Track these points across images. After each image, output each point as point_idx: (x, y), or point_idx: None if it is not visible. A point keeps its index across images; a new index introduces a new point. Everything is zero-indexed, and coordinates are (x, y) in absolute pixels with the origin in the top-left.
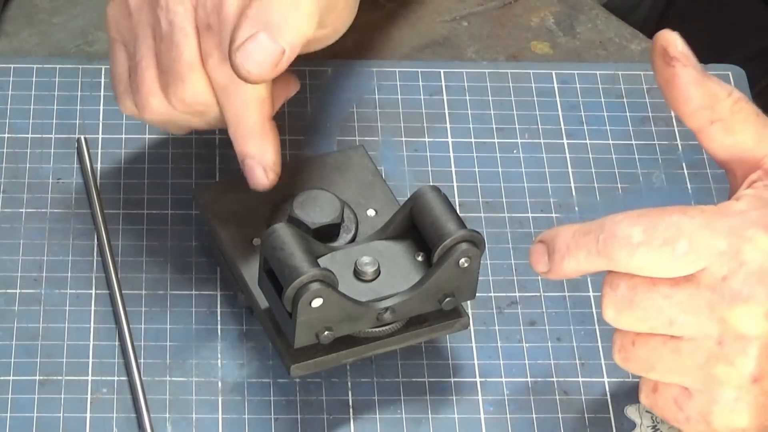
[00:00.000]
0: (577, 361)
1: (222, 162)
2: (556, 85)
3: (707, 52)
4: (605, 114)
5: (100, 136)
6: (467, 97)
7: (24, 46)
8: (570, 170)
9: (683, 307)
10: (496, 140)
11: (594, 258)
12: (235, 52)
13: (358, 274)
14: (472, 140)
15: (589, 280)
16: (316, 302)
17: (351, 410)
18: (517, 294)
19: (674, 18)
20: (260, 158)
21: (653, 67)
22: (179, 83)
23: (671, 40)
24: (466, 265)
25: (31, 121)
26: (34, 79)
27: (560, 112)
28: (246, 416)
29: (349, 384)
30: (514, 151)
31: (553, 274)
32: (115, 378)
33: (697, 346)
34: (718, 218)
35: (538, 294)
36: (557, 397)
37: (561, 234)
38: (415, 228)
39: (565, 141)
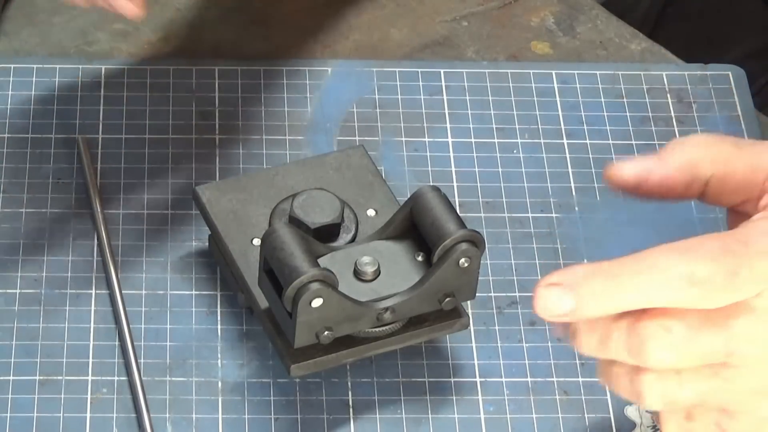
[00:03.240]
0: (577, 361)
1: (222, 162)
2: (556, 85)
3: (706, 51)
4: (605, 114)
5: (100, 136)
6: (467, 97)
7: (24, 46)
8: (570, 170)
9: (743, 337)
10: (496, 140)
11: (642, 296)
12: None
13: (358, 274)
14: (472, 140)
15: None
16: (316, 302)
17: (351, 410)
18: (517, 294)
19: (673, 16)
20: None
21: (629, 192)
22: None
23: (615, 175)
24: (466, 265)
25: (31, 121)
26: (34, 79)
27: (560, 112)
28: (246, 416)
29: (349, 384)
30: (514, 151)
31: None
32: (115, 378)
33: (753, 371)
34: (762, 238)
35: None
36: (557, 397)
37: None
38: (415, 228)
39: (565, 141)
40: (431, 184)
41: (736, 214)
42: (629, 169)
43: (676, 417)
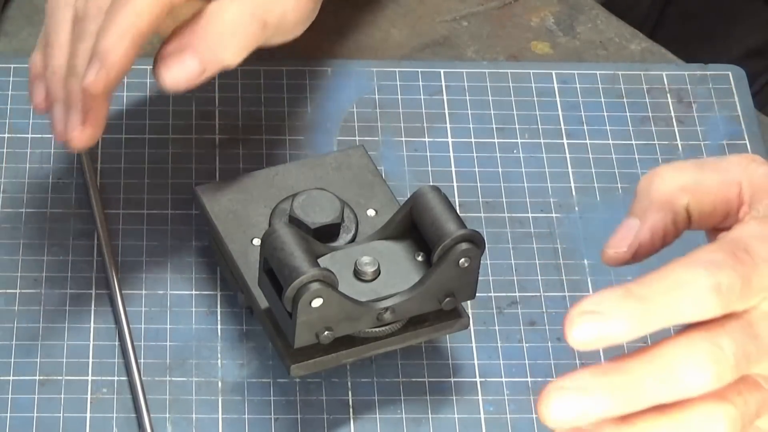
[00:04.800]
0: (577, 361)
1: (222, 162)
2: (556, 85)
3: (706, 50)
4: (605, 114)
5: (100, 136)
6: (467, 97)
7: (24, 46)
8: (570, 170)
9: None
10: (496, 140)
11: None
12: (159, 59)
13: (358, 274)
14: (472, 140)
15: (589, 280)
16: (316, 302)
17: (351, 410)
18: (517, 294)
19: (673, 16)
20: (105, 54)
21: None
22: None
23: (613, 257)
24: (466, 265)
25: (31, 121)
26: None
27: (560, 112)
28: (246, 416)
29: (349, 384)
30: (514, 151)
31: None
32: (115, 378)
33: None
34: (759, 244)
35: (538, 294)
36: None
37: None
38: (415, 228)
39: (565, 141)
40: (431, 184)
41: (715, 233)
42: (620, 246)
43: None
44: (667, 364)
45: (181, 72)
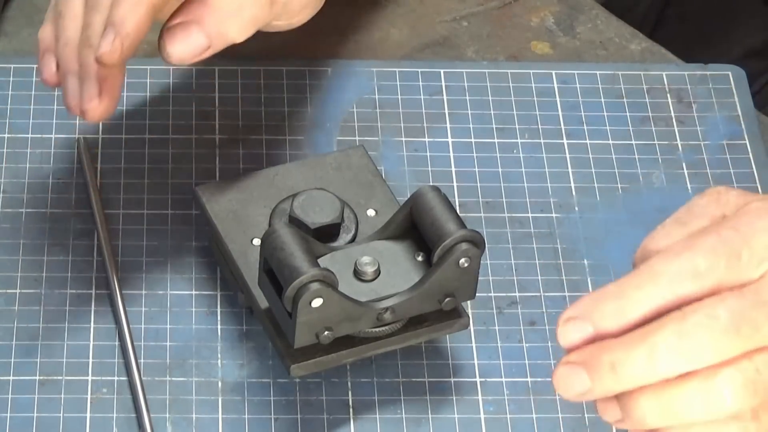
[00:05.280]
0: None
1: (222, 162)
2: (556, 85)
3: (706, 50)
4: (605, 114)
5: (100, 136)
6: (467, 97)
7: (24, 46)
8: (570, 170)
9: None
10: (496, 140)
11: (661, 301)
12: (165, 32)
13: (358, 274)
14: (472, 140)
15: (588, 280)
16: (316, 302)
17: (351, 410)
18: (517, 294)
19: (673, 17)
20: (119, 24)
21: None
22: None
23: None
24: (466, 265)
25: (31, 121)
26: (34, 79)
27: (560, 112)
28: (246, 416)
29: (349, 384)
30: (514, 151)
31: (614, 330)
32: (115, 378)
33: None
34: (756, 219)
35: (538, 294)
36: (557, 397)
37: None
38: (415, 228)
39: (565, 141)
40: (431, 184)
41: None
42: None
43: (745, 419)
44: (659, 344)
45: (187, 46)
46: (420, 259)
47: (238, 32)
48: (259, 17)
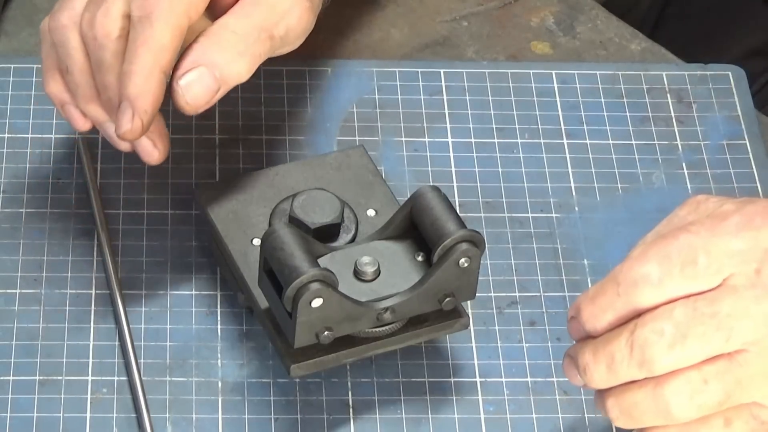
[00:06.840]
0: None
1: (222, 162)
2: (556, 85)
3: (706, 50)
4: (605, 114)
5: (100, 136)
6: (467, 97)
7: (24, 46)
8: (570, 170)
9: (733, 317)
10: (496, 140)
11: (622, 309)
12: (178, 80)
13: (358, 274)
14: (472, 140)
15: (588, 280)
16: (316, 302)
17: (351, 410)
18: (517, 294)
19: (673, 16)
20: (134, 100)
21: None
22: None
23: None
24: (466, 265)
25: (31, 121)
26: (34, 79)
27: (560, 112)
28: (246, 416)
29: (349, 384)
30: (514, 151)
31: (594, 332)
32: (115, 378)
33: (760, 349)
34: (719, 223)
35: (538, 294)
36: (557, 397)
37: (591, 297)
38: (415, 228)
39: (565, 141)
40: (431, 184)
41: None
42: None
43: (715, 428)
44: (615, 353)
45: (200, 91)
46: (420, 259)
47: (245, 71)
48: (261, 54)
